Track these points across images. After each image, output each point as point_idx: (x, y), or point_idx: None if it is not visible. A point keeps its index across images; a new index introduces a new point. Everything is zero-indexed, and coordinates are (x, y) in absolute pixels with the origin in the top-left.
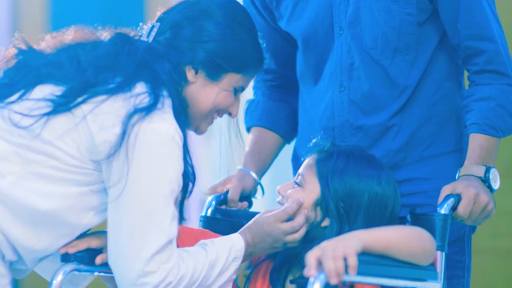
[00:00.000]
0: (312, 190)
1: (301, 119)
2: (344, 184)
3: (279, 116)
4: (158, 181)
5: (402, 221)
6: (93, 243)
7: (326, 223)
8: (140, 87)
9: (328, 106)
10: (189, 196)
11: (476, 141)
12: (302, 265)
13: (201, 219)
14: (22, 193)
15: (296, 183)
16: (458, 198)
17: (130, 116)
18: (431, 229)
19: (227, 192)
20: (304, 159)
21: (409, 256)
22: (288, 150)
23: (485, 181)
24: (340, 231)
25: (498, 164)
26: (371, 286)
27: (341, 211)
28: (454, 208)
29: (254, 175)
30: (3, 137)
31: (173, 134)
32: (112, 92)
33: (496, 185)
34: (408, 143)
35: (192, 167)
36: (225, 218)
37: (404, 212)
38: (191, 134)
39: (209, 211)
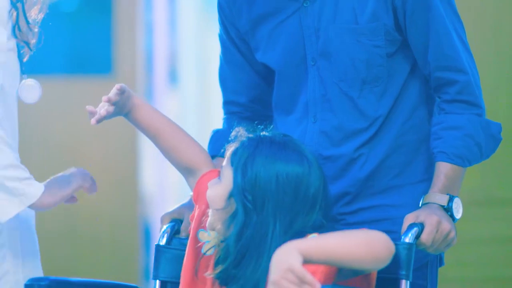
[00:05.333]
0: (227, 183)
1: None
2: (249, 173)
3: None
4: None
5: None
6: None
7: None
8: None
9: (300, 136)
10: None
11: (442, 170)
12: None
13: (157, 248)
14: None
15: (219, 176)
16: (421, 227)
17: None
18: (395, 258)
19: (181, 220)
20: None
21: (357, 263)
22: None
23: (448, 210)
24: (246, 221)
25: (464, 193)
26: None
27: (247, 204)
28: (417, 236)
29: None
30: None
31: None
32: None
33: (458, 214)
34: (375, 172)
35: None
36: (181, 248)
37: None
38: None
39: (164, 240)
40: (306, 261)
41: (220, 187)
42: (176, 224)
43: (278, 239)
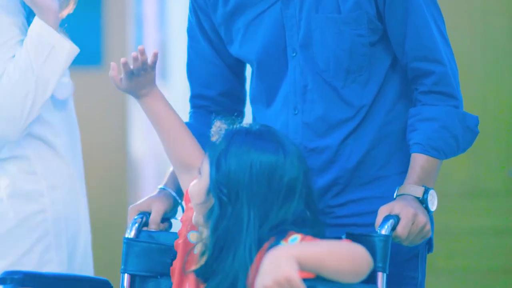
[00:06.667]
0: (206, 177)
1: None
2: (223, 166)
3: (208, 141)
4: None
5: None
6: None
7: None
8: None
9: (282, 129)
10: None
11: (418, 162)
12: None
13: (125, 241)
14: None
15: (200, 171)
16: (397, 219)
17: None
18: (371, 250)
19: (149, 213)
20: None
21: (341, 276)
22: None
23: (423, 202)
24: (221, 214)
25: (453, 185)
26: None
27: (223, 197)
28: (393, 228)
29: (175, 195)
30: None
31: None
32: None
33: (433, 207)
34: (362, 162)
35: None
36: (150, 241)
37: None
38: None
39: (132, 233)
40: (299, 266)
41: (199, 182)
42: (144, 216)
43: (254, 231)
